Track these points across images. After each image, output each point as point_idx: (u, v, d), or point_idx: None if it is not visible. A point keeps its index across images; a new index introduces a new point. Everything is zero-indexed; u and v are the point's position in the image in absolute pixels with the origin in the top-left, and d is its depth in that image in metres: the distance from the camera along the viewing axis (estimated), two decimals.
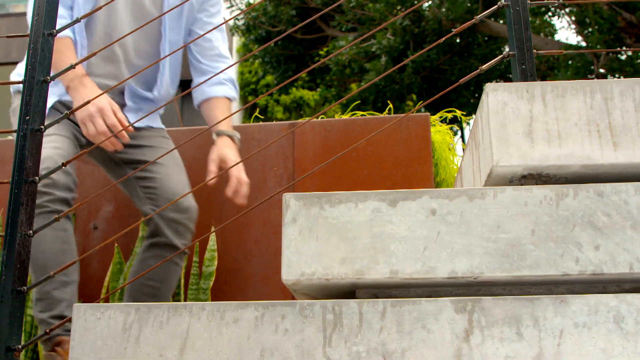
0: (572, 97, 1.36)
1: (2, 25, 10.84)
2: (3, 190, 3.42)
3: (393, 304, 1.19)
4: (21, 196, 1.62)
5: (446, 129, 3.47)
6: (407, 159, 3.15)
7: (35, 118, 1.68)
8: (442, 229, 1.26)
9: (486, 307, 1.17)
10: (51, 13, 1.76)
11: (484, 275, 1.22)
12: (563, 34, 51.97)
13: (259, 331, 1.21)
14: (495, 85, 1.38)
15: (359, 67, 12.54)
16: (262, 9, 13.40)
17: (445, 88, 12.55)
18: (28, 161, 1.65)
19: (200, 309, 1.24)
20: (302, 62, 14.51)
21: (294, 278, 1.27)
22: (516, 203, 1.25)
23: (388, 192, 1.29)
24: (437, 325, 1.17)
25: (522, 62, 1.67)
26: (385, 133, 3.16)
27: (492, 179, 1.37)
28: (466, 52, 12.91)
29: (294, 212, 1.30)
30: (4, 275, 1.57)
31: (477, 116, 1.49)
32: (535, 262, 1.22)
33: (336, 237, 1.28)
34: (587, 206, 1.24)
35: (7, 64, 10.52)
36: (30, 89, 1.68)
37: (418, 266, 1.24)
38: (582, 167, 1.32)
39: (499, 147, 1.33)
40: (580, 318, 1.15)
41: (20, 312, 1.58)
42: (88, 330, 1.26)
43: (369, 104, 12.50)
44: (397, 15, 11.54)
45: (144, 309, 1.26)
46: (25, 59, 1.77)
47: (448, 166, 3.38)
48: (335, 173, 3.19)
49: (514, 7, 1.71)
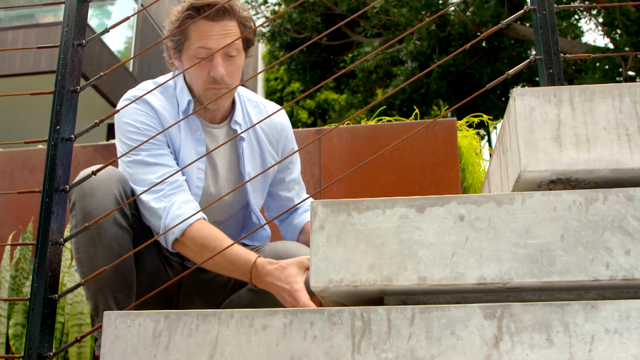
0: (600, 100, 1.35)
1: (32, 35, 10.97)
2: (34, 199, 3.47)
3: (422, 310, 1.19)
4: (52, 205, 1.64)
5: (473, 133, 3.46)
6: (434, 164, 3.14)
7: (66, 127, 1.70)
8: (470, 234, 1.25)
9: (515, 313, 1.16)
10: (80, 24, 1.78)
11: (513, 281, 1.22)
12: (590, 36, 51.52)
13: (287, 338, 1.21)
14: (523, 90, 1.37)
15: (385, 72, 12.53)
16: (287, 15, 13.45)
17: (471, 92, 12.49)
18: (58, 170, 1.67)
19: (229, 316, 1.25)
20: (327, 69, 14.54)
21: (322, 285, 1.27)
22: (545, 208, 1.25)
23: (415, 198, 1.29)
24: (466, 331, 1.16)
25: (549, 66, 1.66)
26: (411, 138, 3.16)
27: (520, 184, 1.36)
28: (492, 56, 12.85)
29: (321, 219, 1.30)
30: (36, 284, 1.59)
31: (505, 121, 1.49)
32: (565, 268, 1.21)
33: (364, 243, 1.28)
34: (617, 211, 1.23)
35: (37, 73, 10.65)
36: (61, 98, 1.71)
37: (446, 272, 1.24)
38: (611, 171, 1.31)
39: (527, 152, 1.32)
40: (612, 324, 1.13)
41: (52, 319, 1.60)
42: (118, 337, 1.28)
43: (395, 108, 12.49)
44: (422, 19, 11.51)
45: (173, 317, 1.27)
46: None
47: (475, 171, 3.37)
48: (362, 179, 3.19)
49: (540, 12, 1.70)
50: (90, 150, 3.54)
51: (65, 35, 1.76)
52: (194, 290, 2.26)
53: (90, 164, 3.47)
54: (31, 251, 3.24)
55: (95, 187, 1.96)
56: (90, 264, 1.96)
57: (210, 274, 2.23)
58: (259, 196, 2.32)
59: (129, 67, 12.67)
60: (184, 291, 2.25)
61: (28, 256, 3.23)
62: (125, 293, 2.02)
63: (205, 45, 2.07)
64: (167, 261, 2.22)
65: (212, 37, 2.07)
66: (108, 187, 1.97)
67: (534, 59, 1.68)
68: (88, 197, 1.96)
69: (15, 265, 3.21)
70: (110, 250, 1.96)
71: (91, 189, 1.96)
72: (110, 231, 1.98)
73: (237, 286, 2.24)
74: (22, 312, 3.09)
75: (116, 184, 2.00)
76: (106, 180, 1.98)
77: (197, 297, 2.26)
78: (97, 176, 1.95)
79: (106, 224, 1.97)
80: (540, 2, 1.71)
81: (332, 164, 3.23)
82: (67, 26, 1.77)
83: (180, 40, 2.13)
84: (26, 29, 11.17)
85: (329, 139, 3.27)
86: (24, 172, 3.55)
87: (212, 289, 2.26)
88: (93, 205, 1.93)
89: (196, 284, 2.26)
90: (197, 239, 1.97)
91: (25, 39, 10.99)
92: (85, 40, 1.78)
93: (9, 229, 3.45)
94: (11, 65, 10.85)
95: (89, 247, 1.96)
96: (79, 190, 1.97)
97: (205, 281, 2.26)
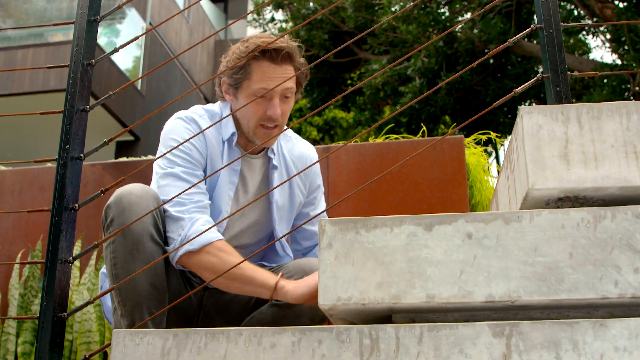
0: (607, 118, 1.35)
1: (41, 54, 11.03)
2: (43, 217, 3.48)
3: (430, 328, 1.19)
4: (61, 223, 1.65)
5: (480, 150, 3.46)
6: (442, 181, 3.14)
7: (75, 146, 1.72)
8: (478, 252, 1.25)
9: (524, 332, 1.16)
10: (90, 44, 1.80)
11: (522, 299, 1.21)
12: (598, 52, 51.53)
13: (295, 356, 1.21)
14: (530, 108, 1.38)
15: (392, 90, 12.55)
16: (295, 33, 13.51)
17: (478, 109, 12.49)
18: (68, 189, 1.68)
19: (238, 334, 1.25)
20: (335, 86, 14.56)
21: (331, 303, 1.27)
22: (553, 226, 1.25)
23: (423, 217, 1.29)
24: (475, 349, 1.16)
25: (556, 84, 1.67)
26: (419, 156, 3.16)
27: (528, 202, 1.36)
28: (500, 73, 12.85)
29: (329, 237, 1.31)
30: (45, 302, 1.60)
31: (512, 139, 1.49)
32: (573, 286, 1.21)
33: (372, 261, 1.28)
34: (625, 228, 1.23)
35: (46, 92, 10.71)
36: (70, 117, 1.72)
37: (455, 290, 1.24)
38: (619, 189, 1.31)
39: (535, 170, 1.33)
40: (621, 342, 1.13)
41: (61, 337, 1.60)
42: (127, 355, 1.28)
43: (402, 126, 12.48)
44: (429, 36, 11.54)
45: (182, 335, 1.27)
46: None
47: (483, 188, 3.36)
48: (370, 196, 3.20)
49: (547, 30, 1.71)
50: (99, 168, 3.56)
51: (75, 55, 1.77)
52: (214, 310, 2.29)
53: (99, 182, 3.48)
54: (40, 269, 3.24)
55: (134, 203, 2.02)
56: (128, 279, 2.00)
57: (231, 295, 2.27)
58: (284, 226, 2.38)
59: (137, 85, 12.74)
60: (205, 312, 2.29)
61: (37, 274, 3.23)
62: (160, 309, 2.04)
63: (266, 86, 2.17)
64: (189, 282, 2.26)
65: (273, 79, 2.18)
66: (145, 202, 2.03)
67: (541, 77, 1.68)
68: (127, 212, 2.00)
69: (24, 283, 3.22)
70: (147, 265, 2.01)
71: (130, 204, 2.01)
72: (147, 246, 2.02)
73: (259, 304, 2.26)
74: (31, 330, 3.09)
75: (152, 201, 2.06)
76: (143, 197, 2.04)
77: (218, 317, 2.29)
78: (134, 193, 2.02)
79: (144, 239, 2.02)
80: (547, 20, 1.72)
81: (340, 182, 3.24)
82: (76, 46, 1.78)
83: (240, 79, 2.23)
84: (35, 47, 11.25)
85: (336, 157, 3.28)
86: (33, 191, 3.56)
87: (233, 309, 2.29)
88: (132, 220, 1.98)
89: (217, 304, 2.29)
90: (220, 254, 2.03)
91: (34, 57, 11.06)
92: (94, 60, 1.79)
93: (18, 247, 3.46)
94: (20, 84, 10.91)
95: (129, 263, 1.99)
96: (117, 207, 2.02)
97: (226, 301, 2.29)
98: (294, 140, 2.46)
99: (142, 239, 2.02)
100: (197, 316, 2.29)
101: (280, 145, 2.40)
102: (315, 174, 2.47)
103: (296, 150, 2.42)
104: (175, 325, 2.22)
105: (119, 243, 1.99)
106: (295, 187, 2.39)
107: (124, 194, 2.01)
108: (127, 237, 1.98)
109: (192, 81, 15.49)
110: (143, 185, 2.11)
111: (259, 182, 2.34)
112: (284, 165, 2.38)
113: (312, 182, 2.45)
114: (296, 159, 2.42)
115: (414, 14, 11.76)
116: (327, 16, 12.94)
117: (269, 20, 14.94)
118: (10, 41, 11.99)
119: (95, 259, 3.20)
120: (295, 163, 2.41)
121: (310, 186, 2.44)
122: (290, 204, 2.38)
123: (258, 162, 2.34)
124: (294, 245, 2.47)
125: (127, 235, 1.99)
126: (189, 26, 16.23)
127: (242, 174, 2.29)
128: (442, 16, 12.10)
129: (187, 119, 2.22)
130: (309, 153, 2.47)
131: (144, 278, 1.99)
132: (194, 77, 15.91)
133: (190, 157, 2.17)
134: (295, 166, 2.41)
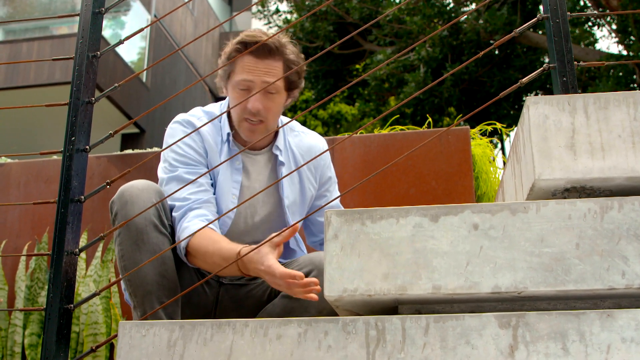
0: (614, 108, 1.35)
1: (46, 47, 11.02)
2: (49, 210, 3.49)
3: (436, 319, 1.19)
4: (67, 215, 1.65)
5: (486, 142, 3.45)
6: (448, 172, 3.14)
7: (81, 139, 1.72)
8: (484, 243, 1.25)
9: (531, 322, 1.16)
10: (95, 36, 1.80)
11: (528, 290, 1.21)
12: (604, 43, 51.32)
13: (302, 347, 1.21)
14: (536, 98, 1.37)
15: (397, 81, 12.52)
16: (300, 25, 13.48)
17: (484, 100, 12.46)
18: (74, 181, 1.68)
19: (244, 325, 1.25)
20: (340, 77, 14.53)
21: (337, 294, 1.27)
22: (560, 217, 1.24)
23: (429, 208, 1.29)
24: (481, 340, 1.16)
25: (562, 74, 1.66)
26: (425, 147, 3.15)
27: (534, 192, 1.35)
28: (505, 64, 12.81)
29: (335, 229, 1.31)
30: (51, 294, 1.60)
31: (518, 129, 1.49)
32: (580, 276, 1.20)
33: (378, 252, 1.28)
34: (632, 219, 1.22)
35: (52, 84, 10.71)
36: (76, 109, 1.72)
37: (461, 281, 1.23)
38: (626, 179, 1.31)
39: (541, 160, 1.32)
40: (628, 333, 1.13)
41: (67, 329, 1.60)
42: (133, 347, 1.28)
43: (407, 117, 12.47)
44: (434, 27, 11.51)
45: (188, 326, 1.27)
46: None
47: (489, 179, 3.36)
48: (376, 188, 3.19)
49: (553, 20, 1.70)
50: (105, 160, 3.56)
51: (80, 47, 1.77)
52: (231, 305, 2.32)
53: (104, 175, 3.48)
54: (46, 261, 3.25)
55: (135, 196, 2.07)
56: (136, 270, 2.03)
57: (246, 289, 2.30)
58: (297, 220, 2.37)
59: (142, 78, 12.73)
60: (221, 307, 2.31)
61: (43, 266, 3.24)
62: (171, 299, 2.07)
63: (246, 78, 2.20)
64: (203, 277, 2.27)
65: (253, 72, 2.21)
66: (147, 195, 2.08)
67: (547, 67, 1.67)
68: (129, 205, 2.05)
69: (31, 275, 3.23)
70: (154, 255, 2.03)
71: (131, 197, 2.06)
72: (152, 236, 2.07)
73: (272, 297, 2.27)
74: (38, 322, 3.10)
75: (154, 194, 2.10)
76: (145, 190, 2.09)
77: (234, 312, 2.31)
78: (135, 186, 2.08)
79: (147, 229, 2.07)
80: (554, 10, 1.71)
81: (346, 174, 3.23)
82: (82, 38, 1.78)
83: (228, 71, 2.28)
84: (40, 40, 11.25)
85: (342, 149, 3.27)
86: (39, 183, 3.57)
87: (249, 304, 2.31)
88: (134, 212, 2.02)
89: (233, 299, 2.32)
90: (198, 248, 2.07)
91: (39, 50, 11.06)
92: (99, 52, 1.79)
93: (25, 240, 3.47)
94: (26, 76, 10.92)
95: (134, 253, 2.03)
96: (120, 201, 2.07)
97: (241, 296, 2.32)
98: (301, 134, 2.46)
99: (145, 229, 2.06)
100: (214, 312, 2.31)
101: (287, 141, 2.40)
102: (325, 165, 2.46)
103: (304, 143, 2.42)
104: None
105: (124, 235, 2.04)
106: (306, 181, 2.39)
107: (126, 188, 2.07)
108: (131, 228, 2.03)
109: (197, 73, 15.48)
110: (146, 180, 2.15)
111: (266, 177, 2.34)
112: (293, 160, 2.38)
113: (322, 174, 2.45)
114: (305, 152, 2.41)
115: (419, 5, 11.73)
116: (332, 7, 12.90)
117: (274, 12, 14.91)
118: (15, 34, 11.99)
119: (101, 251, 3.21)
120: (304, 156, 2.41)
121: (320, 178, 2.44)
122: (302, 198, 2.38)
123: (262, 158, 2.35)
124: (311, 238, 2.48)
125: (130, 227, 2.04)
126: (193, 18, 16.21)
127: (246, 170, 2.31)
128: (447, 7, 12.06)
129: (185, 123, 2.27)
130: (318, 144, 2.46)
131: (151, 268, 2.03)
132: (199, 69, 15.90)
133: (189, 159, 2.22)
134: (305, 159, 2.40)
